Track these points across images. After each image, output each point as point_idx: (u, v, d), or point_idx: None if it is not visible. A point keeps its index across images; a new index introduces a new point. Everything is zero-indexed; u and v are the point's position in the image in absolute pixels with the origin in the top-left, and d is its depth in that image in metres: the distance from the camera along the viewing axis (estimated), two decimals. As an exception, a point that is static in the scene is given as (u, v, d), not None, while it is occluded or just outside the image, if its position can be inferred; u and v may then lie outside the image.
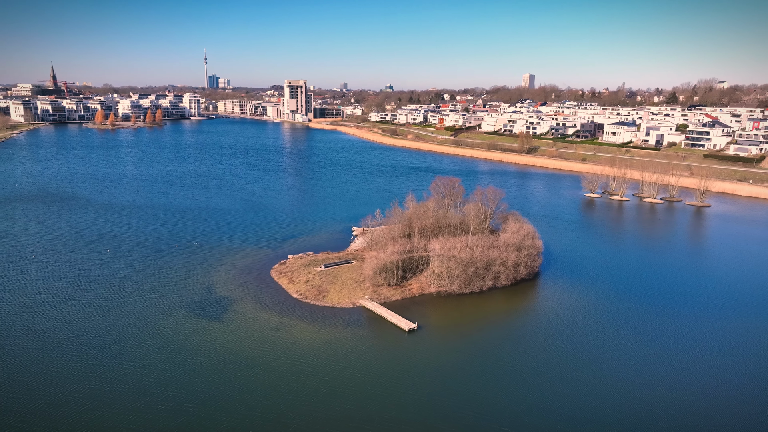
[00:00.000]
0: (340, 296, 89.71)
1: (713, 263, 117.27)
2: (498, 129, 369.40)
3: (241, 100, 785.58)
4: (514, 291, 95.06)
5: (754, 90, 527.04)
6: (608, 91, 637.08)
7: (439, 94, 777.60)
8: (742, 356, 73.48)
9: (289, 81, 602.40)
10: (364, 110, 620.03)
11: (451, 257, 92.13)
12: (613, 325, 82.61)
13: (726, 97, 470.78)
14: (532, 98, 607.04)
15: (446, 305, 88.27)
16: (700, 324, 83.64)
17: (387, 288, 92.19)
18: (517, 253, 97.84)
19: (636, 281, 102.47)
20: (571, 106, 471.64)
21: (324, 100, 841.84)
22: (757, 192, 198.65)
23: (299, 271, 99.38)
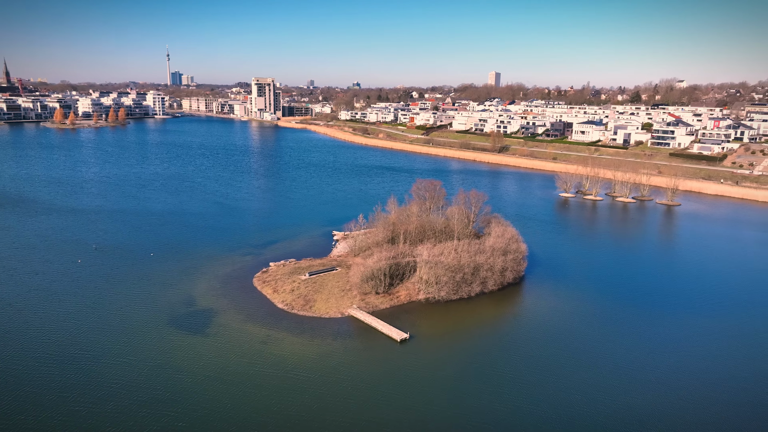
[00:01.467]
0: (328, 306, 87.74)
1: (689, 263, 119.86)
2: (469, 128, 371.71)
3: (207, 98, 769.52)
4: (502, 296, 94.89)
5: (711, 89, 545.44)
6: (573, 90, 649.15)
7: (408, 92, 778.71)
8: (724, 357, 74.87)
9: (256, 79, 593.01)
10: (333, 108, 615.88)
11: (439, 263, 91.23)
12: (598, 329, 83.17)
13: (686, 96, 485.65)
14: (500, 96, 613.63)
15: (436, 313, 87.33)
16: (681, 325, 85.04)
17: (375, 296, 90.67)
18: (504, 258, 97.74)
19: (616, 283, 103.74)
20: (539, 105, 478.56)
21: (291, 98, 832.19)
22: (722, 190, 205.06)
23: (283, 280, 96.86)
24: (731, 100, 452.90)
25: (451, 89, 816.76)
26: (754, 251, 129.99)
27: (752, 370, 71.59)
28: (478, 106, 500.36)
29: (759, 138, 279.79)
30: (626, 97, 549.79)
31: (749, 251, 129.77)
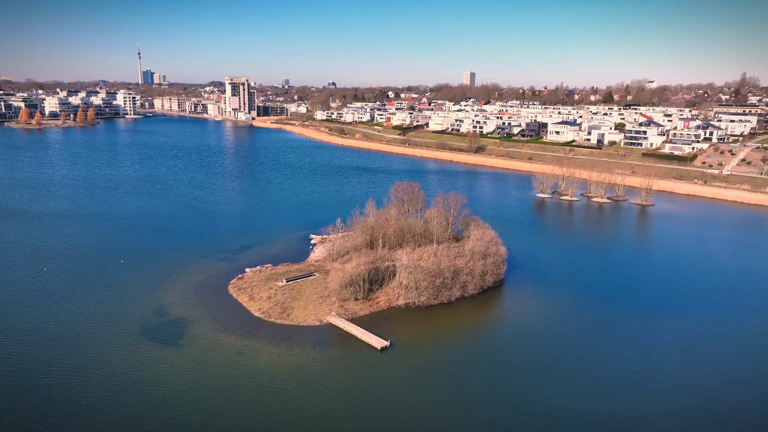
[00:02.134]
0: (306, 313, 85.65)
1: (664, 264, 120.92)
2: (445, 128, 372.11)
3: (180, 98, 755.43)
4: (482, 300, 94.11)
5: (680, 90, 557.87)
6: (547, 90, 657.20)
7: (384, 92, 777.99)
8: (699, 359, 75.29)
9: (230, 78, 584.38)
10: (309, 108, 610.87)
11: (418, 268, 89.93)
12: (578, 333, 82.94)
13: (656, 97, 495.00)
14: (476, 96, 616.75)
15: (416, 319, 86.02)
16: (657, 327, 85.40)
17: (354, 302, 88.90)
18: (483, 261, 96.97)
19: (594, 285, 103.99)
20: (514, 105, 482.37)
21: (266, 97, 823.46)
22: (693, 190, 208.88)
23: (259, 287, 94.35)
24: (699, 101, 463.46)
25: (427, 89, 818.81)
26: (725, 251, 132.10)
27: (726, 372, 72.05)
28: (454, 106, 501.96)
29: (727, 138, 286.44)
30: (599, 98, 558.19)
31: (720, 251, 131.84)
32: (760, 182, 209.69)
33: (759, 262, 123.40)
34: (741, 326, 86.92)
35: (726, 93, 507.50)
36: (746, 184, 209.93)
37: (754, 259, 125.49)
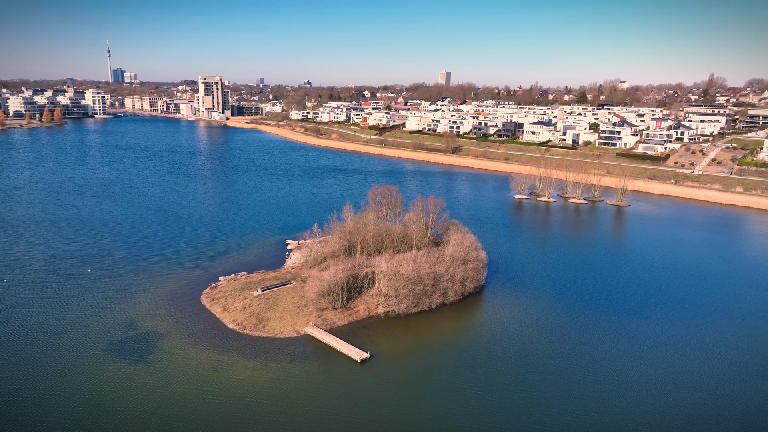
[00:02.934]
0: (283, 324, 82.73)
1: (640, 266, 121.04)
2: (422, 128, 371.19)
3: (152, 97, 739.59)
4: (463, 307, 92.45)
5: (651, 90, 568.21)
6: (522, 90, 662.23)
7: (360, 91, 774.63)
8: (680, 364, 74.84)
9: (203, 77, 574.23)
10: (284, 107, 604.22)
11: (398, 275, 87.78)
12: (558, 339, 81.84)
13: (628, 97, 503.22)
14: (452, 96, 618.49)
15: (396, 328, 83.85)
16: (637, 331, 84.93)
17: (332, 312, 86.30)
18: (464, 267, 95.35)
19: (573, 288, 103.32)
20: (490, 105, 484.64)
21: (240, 96, 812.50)
22: (667, 190, 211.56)
23: (234, 297, 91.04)
24: (670, 101, 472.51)
25: (403, 88, 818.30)
26: (700, 252, 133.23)
27: (708, 377, 71.70)
28: (430, 106, 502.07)
29: (697, 138, 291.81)
30: (573, 97, 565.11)
31: (695, 253, 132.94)
32: (730, 182, 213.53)
33: (732, 263, 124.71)
34: (720, 329, 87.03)
35: (695, 93, 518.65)
36: (717, 184, 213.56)
37: (728, 261, 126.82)
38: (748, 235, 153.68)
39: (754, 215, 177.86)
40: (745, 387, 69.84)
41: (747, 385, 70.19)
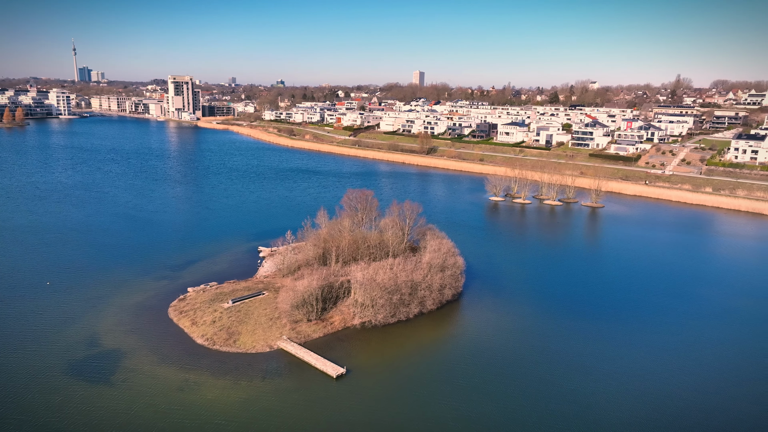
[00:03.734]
0: (254, 338, 79.30)
1: (616, 269, 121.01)
2: (397, 129, 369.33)
3: (119, 97, 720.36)
4: (441, 316, 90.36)
5: (621, 90, 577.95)
6: (495, 90, 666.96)
7: (333, 91, 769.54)
8: (660, 372, 74.13)
9: (173, 77, 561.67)
10: (257, 107, 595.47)
11: (374, 284, 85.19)
12: (538, 349, 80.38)
13: (599, 97, 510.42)
14: (426, 96, 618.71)
15: (373, 340, 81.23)
16: (615, 337, 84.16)
17: (307, 324, 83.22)
18: (442, 274, 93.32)
19: (551, 293, 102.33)
20: (464, 106, 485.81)
21: (212, 96, 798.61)
22: (639, 190, 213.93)
23: (203, 309, 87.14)
24: (639, 102, 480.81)
25: (377, 88, 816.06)
26: (674, 254, 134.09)
27: (686, 385, 71.08)
28: (404, 107, 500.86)
29: (667, 138, 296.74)
30: (545, 98, 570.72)
31: (669, 254, 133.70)
32: (699, 182, 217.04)
33: (706, 265, 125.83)
34: (696, 334, 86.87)
35: (663, 94, 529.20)
36: (687, 184, 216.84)
37: (702, 263, 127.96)
38: (719, 235, 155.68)
39: (723, 215, 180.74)
40: (724, 395, 69.34)
41: (726, 394, 69.70)
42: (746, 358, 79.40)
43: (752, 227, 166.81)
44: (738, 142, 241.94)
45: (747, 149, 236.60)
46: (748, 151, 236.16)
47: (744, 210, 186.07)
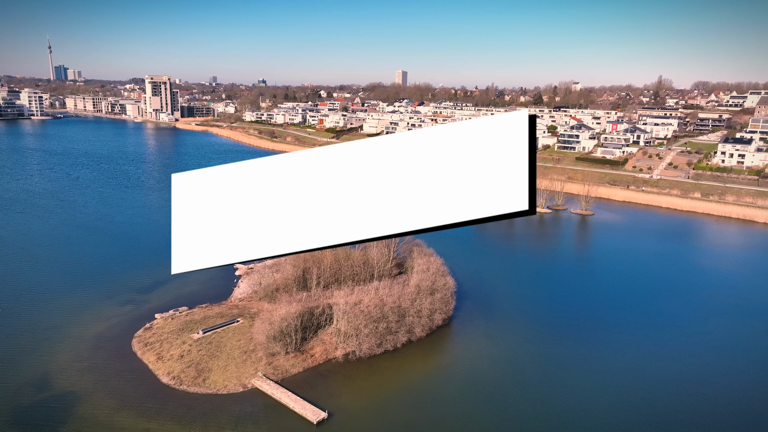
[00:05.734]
0: (226, 376, 71.80)
1: (612, 282, 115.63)
2: (380, 131, 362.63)
3: (96, 96, 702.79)
4: (431, 344, 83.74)
5: (605, 92, 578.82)
6: (479, 90, 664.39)
7: (316, 91, 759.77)
8: (671, 413, 68.56)
9: (151, 77, 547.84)
10: (238, 108, 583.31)
11: (359, 313, 78.32)
12: (536, 380, 74.25)
13: (583, 98, 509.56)
14: (409, 97, 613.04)
15: (358, 375, 74.27)
16: (620, 366, 78.40)
17: (284, 357, 75.94)
18: (431, 298, 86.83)
19: (546, 313, 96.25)
20: (448, 107, 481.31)
21: (192, 96, 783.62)
22: (629, 196, 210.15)
23: (170, 341, 79.35)
24: (623, 103, 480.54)
25: (360, 88, 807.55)
26: (673, 266, 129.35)
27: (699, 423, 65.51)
28: (387, 107, 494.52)
29: (653, 141, 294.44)
30: (529, 98, 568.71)
31: (667, 267, 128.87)
32: (687, 187, 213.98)
33: (707, 279, 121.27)
34: (704, 361, 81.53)
35: (646, 95, 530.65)
36: (676, 189, 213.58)
37: (702, 276, 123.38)
38: (715, 247, 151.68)
39: (714, 223, 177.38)
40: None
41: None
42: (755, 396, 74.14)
43: (745, 236, 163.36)
44: (725, 145, 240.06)
45: (734, 153, 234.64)
46: (735, 155, 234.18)
47: (735, 217, 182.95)
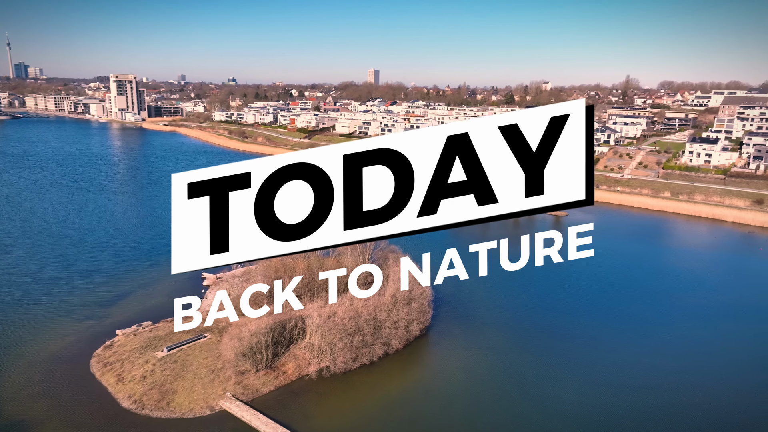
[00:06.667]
0: (192, 398, 67.56)
1: (587, 287, 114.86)
2: (353, 131, 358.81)
3: (58, 95, 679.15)
4: (409, 356, 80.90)
5: (574, 91, 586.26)
6: (451, 90, 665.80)
7: (287, 90, 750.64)
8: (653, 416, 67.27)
9: (115, 75, 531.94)
10: (207, 107, 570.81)
11: (333, 326, 74.94)
12: (515, 393, 72.20)
13: (553, 98, 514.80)
14: (382, 96, 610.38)
15: (333, 393, 70.88)
16: (599, 379, 77.02)
17: (255, 375, 72.06)
18: (408, 308, 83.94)
19: (523, 320, 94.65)
20: (421, 106, 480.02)
21: (159, 95, 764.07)
22: (601, 196, 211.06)
23: (132, 360, 74.60)
24: (593, 102, 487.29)
25: (332, 87, 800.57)
26: (648, 268, 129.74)
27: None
28: (360, 107, 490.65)
29: (622, 141, 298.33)
30: (500, 98, 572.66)
31: (643, 269, 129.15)
32: (658, 186, 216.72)
33: (680, 282, 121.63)
34: (681, 370, 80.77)
35: (615, 95, 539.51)
36: (647, 189, 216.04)
37: (678, 279, 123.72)
38: (689, 246, 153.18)
39: (685, 223, 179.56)
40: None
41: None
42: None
43: (714, 237, 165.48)
44: (692, 145, 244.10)
45: (701, 152, 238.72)
46: (702, 155, 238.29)
47: (704, 216, 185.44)
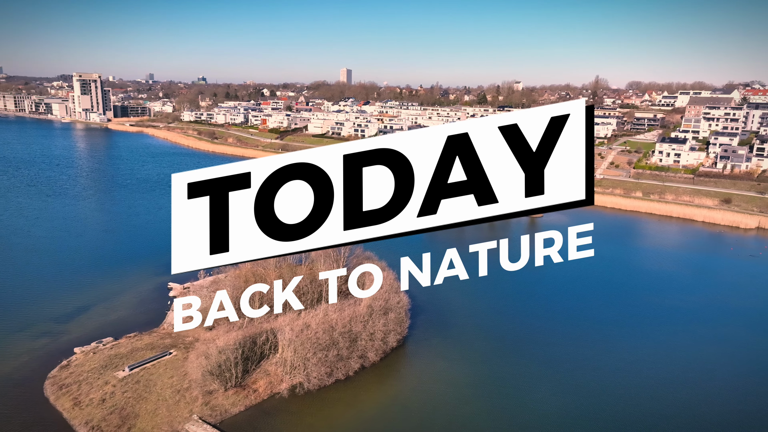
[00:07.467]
0: (156, 422, 63.15)
1: (562, 290, 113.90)
2: (326, 131, 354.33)
3: (18, 95, 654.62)
4: (386, 370, 77.85)
5: (546, 91, 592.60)
6: (424, 89, 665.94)
7: (258, 90, 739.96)
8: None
9: (79, 74, 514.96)
10: (176, 107, 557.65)
11: (306, 341, 71.36)
12: (497, 405, 69.92)
13: (525, 98, 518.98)
14: (354, 96, 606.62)
15: (307, 411, 67.31)
16: (575, 384, 75.41)
17: (224, 394, 67.99)
18: (385, 318, 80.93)
19: (500, 327, 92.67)
20: (394, 106, 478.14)
21: (126, 95, 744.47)
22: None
23: (91, 381, 69.67)
24: (564, 102, 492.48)
25: (304, 86, 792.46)
26: (621, 271, 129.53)
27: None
28: (333, 106, 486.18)
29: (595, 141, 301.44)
30: (473, 98, 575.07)
31: (617, 272, 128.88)
32: (629, 186, 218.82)
33: (651, 283, 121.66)
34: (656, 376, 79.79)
35: (585, 95, 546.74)
36: (619, 188, 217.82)
37: (651, 280, 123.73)
38: (657, 247, 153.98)
39: (657, 223, 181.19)
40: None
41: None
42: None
43: (685, 236, 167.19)
44: (662, 145, 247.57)
45: (670, 152, 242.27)
46: (672, 154, 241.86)
47: (676, 216, 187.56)
